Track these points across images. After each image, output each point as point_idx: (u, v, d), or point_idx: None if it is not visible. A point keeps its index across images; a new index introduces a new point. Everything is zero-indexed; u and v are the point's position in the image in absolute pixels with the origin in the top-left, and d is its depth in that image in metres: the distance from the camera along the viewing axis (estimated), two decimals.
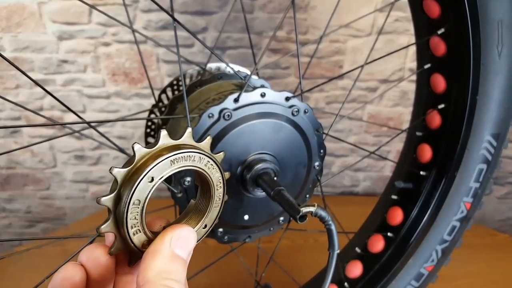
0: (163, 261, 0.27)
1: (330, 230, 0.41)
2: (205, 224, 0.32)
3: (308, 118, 0.46)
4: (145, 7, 1.03)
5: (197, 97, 0.48)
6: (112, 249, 0.28)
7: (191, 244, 0.29)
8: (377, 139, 1.22)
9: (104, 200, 0.26)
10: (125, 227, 0.27)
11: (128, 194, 0.26)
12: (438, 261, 0.60)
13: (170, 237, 0.28)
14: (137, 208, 0.27)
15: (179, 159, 0.28)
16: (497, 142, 0.55)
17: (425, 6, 0.52)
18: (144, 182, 0.27)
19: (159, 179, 0.27)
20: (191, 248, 0.29)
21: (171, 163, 0.28)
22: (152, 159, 0.27)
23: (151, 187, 0.27)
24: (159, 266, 0.26)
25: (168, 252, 0.27)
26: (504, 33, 0.48)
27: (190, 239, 0.29)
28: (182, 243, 0.28)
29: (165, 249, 0.27)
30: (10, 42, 1.05)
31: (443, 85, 0.55)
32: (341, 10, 1.03)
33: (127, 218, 0.27)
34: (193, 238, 0.29)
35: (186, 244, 0.29)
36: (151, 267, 0.26)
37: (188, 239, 0.29)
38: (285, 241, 0.97)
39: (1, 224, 1.35)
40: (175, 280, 0.26)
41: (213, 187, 0.32)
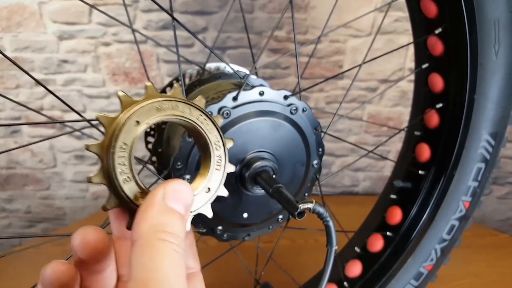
0: (156, 214, 0.25)
1: (328, 226, 0.41)
2: (207, 187, 0.31)
3: (306, 117, 0.46)
4: (146, 7, 1.04)
5: (197, 96, 0.48)
6: (106, 203, 0.27)
7: (186, 197, 0.27)
8: (377, 139, 1.22)
9: (92, 146, 0.26)
10: (114, 173, 0.26)
11: (114, 136, 0.26)
12: (437, 260, 0.61)
13: (163, 190, 0.26)
14: (124, 152, 0.26)
15: (166, 108, 0.28)
16: (495, 141, 0.55)
17: (422, 6, 0.52)
18: (130, 125, 0.26)
19: (145, 124, 0.27)
20: (187, 201, 0.27)
21: (157, 110, 0.27)
22: (137, 104, 0.27)
23: (138, 130, 0.27)
24: (153, 220, 0.25)
25: (161, 205, 0.26)
26: (501, 33, 0.49)
27: (185, 192, 0.27)
28: (176, 195, 0.26)
29: (158, 202, 0.26)
30: (10, 42, 1.06)
31: (441, 84, 0.55)
32: (341, 10, 1.03)
33: (114, 162, 0.26)
34: (188, 192, 0.27)
35: (181, 197, 0.27)
36: (144, 221, 0.25)
37: (182, 191, 0.27)
38: (285, 241, 0.98)
39: (1, 224, 1.35)
40: (171, 232, 0.25)
41: (210, 145, 0.31)
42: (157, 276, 0.22)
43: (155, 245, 0.24)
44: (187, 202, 0.27)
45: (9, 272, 0.88)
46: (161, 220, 0.25)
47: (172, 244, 0.24)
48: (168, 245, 0.24)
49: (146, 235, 0.24)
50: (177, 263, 0.24)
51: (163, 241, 0.24)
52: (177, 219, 0.26)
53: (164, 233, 0.24)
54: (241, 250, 0.61)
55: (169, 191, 0.26)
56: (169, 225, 0.25)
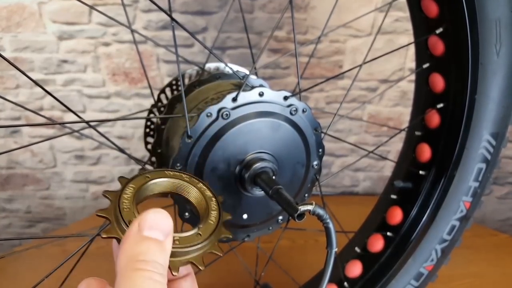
0: (131, 245, 0.25)
1: (328, 228, 0.41)
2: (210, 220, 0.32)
3: (306, 117, 0.46)
4: (145, 7, 1.04)
5: (196, 96, 0.48)
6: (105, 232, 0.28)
7: (163, 223, 0.26)
8: (377, 139, 1.22)
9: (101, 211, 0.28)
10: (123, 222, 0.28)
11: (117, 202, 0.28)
12: (437, 261, 0.60)
13: (137, 223, 0.26)
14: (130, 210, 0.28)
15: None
16: (496, 141, 0.55)
17: (423, 6, 0.52)
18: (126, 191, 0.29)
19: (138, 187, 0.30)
20: (166, 227, 0.27)
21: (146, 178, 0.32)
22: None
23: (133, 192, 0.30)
24: (128, 251, 0.25)
25: (136, 235, 0.25)
26: (502, 32, 0.49)
27: (161, 218, 0.27)
28: (151, 223, 0.26)
29: (133, 233, 0.26)
30: (10, 42, 1.05)
31: (441, 84, 0.55)
32: (341, 10, 1.03)
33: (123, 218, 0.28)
34: (163, 217, 0.27)
35: (157, 224, 0.26)
36: (121, 254, 0.25)
37: (158, 218, 0.26)
38: (285, 241, 0.97)
39: (1, 224, 1.35)
40: (146, 260, 0.24)
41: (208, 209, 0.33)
42: None
43: (129, 276, 0.24)
44: (165, 228, 0.27)
45: (9, 272, 0.87)
46: (136, 250, 0.25)
47: (147, 272, 0.24)
48: (142, 273, 0.24)
49: (123, 267, 0.24)
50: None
51: (138, 271, 0.24)
52: (153, 246, 0.25)
53: (139, 262, 0.24)
54: (241, 251, 0.61)
55: (143, 220, 0.26)
56: (144, 254, 0.25)
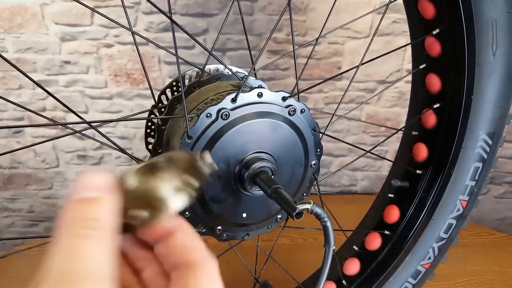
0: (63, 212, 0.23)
1: (325, 226, 0.42)
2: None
3: (304, 118, 0.47)
4: (147, 9, 1.04)
5: (196, 97, 0.49)
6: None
7: (94, 180, 0.24)
8: (375, 139, 1.23)
9: None
10: None
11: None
12: (435, 259, 0.61)
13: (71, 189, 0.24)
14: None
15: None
16: (493, 140, 0.55)
17: (420, 7, 0.53)
18: None
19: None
20: (98, 183, 0.24)
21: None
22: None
23: None
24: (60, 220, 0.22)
25: (67, 202, 0.23)
26: (498, 33, 0.49)
27: (91, 177, 0.24)
28: (81, 186, 0.24)
29: (66, 204, 0.23)
30: (13, 43, 1.06)
31: (438, 84, 0.56)
32: (339, 12, 1.04)
33: None
34: (95, 175, 0.24)
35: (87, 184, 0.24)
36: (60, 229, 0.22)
37: (87, 179, 0.24)
38: (285, 240, 0.98)
39: (4, 224, 1.36)
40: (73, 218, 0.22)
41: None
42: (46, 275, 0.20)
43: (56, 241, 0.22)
44: (97, 184, 0.24)
45: (11, 271, 0.88)
46: (63, 216, 0.23)
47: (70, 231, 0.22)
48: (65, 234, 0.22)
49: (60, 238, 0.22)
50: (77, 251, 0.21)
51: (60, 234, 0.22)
52: (82, 205, 0.23)
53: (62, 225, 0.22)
54: (240, 249, 0.62)
55: (73, 188, 0.24)
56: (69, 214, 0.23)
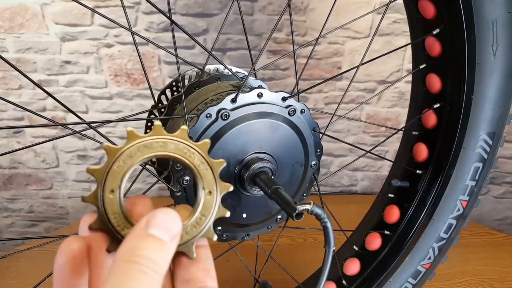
0: (133, 239, 0.25)
1: (326, 227, 0.42)
2: (208, 191, 0.30)
3: (304, 118, 0.47)
4: (147, 9, 1.04)
5: (196, 98, 0.49)
6: (93, 224, 0.28)
7: (171, 224, 0.26)
8: (375, 139, 1.23)
9: (87, 197, 0.27)
10: (107, 219, 0.27)
11: (103, 181, 0.27)
12: (435, 259, 0.61)
13: (146, 218, 0.26)
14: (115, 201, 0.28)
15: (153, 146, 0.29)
16: (493, 140, 0.55)
17: (420, 7, 0.53)
18: (108, 196, 0.27)
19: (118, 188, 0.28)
20: (172, 228, 0.26)
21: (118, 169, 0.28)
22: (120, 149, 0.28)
23: (117, 199, 0.28)
24: (128, 244, 0.24)
25: (141, 231, 0.25)
26: (498, 33, 0.49)
27: (169, 219, 0.26)
28: (159, 223, 0.25)
29: (138, 229, 0.25)
30: (13, 43, 1.06)
31: (438, 84, 0.56)
32: (340, 12, 1.04)
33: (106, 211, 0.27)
34: (172, 218, 0.26)
35: (165, 225, 0.26)
36: (121, 247, 0.24)
37: (166, 219, 0.26)
38: (285, 240, 0.98)
39: (4, 224, 1.36)
40: (144, 255, 0.24)
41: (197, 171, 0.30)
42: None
43: (122, 266, 0.23)
44: (172, 229, 0.26)
45: (12, 271, 0.88)
46: (136, 244, 0.24)
47: (142, 266, 0.23)
48: (136, 266, 0.23)
49: (119, 258, 0.24)
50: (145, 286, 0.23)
51: (132, 263, 0.23)
52: (155, 245, 0.25)
53: (136, 256, 0.24)
54: (240, 249, 0.62)
55: (152, 218, 0.26)
56: (143, 249, 0.24)
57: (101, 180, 0.27)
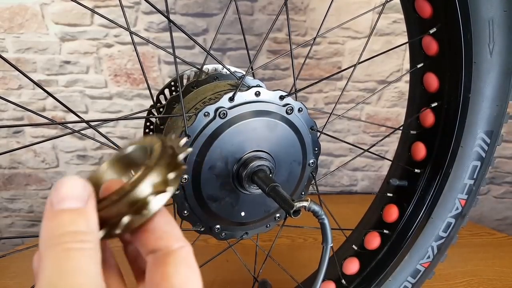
0: (46, 225, 0.22)
1: (323, 224, 0.42)
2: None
3: (302, 117, 0.47)
4: (147, 9, 1.05)
5: (194, 97, 0.49)
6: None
7: (76, 189, 0.23)
8: (375, 139, 1.23)
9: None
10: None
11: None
12: (434, 258, 0.61)
13: (49, 198, 0.23)
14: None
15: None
16: (491, 139, 0.55)
17: (417, 6, 0.53)
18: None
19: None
20: (80, 192, 0.23)
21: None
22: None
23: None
24: (44, 232, 0.22)
25: (49, 213, 0.23)
26: (495, 32, 0.49)
27: (72, 186, 0.23)
28: (62, 195, 0.23)
29: (45, 212, 0.23)
30: (13, 43, 1.07)
31: (435, 83, 0.56)
32: (340, 12, 1.04)
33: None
34: (76, 183, 0.23)
35: (69, 193, 0.23)
36: (40, 237, 0.22)
37: (69, 187, 0.23)
38: (284, 240, 0.98)
39: (4, 223, 1.36)
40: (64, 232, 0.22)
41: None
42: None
43: (47, 255, 0.21)
44: (79, 193, 0.23)
45: (11, 271, 0.89)
46: (50, 227, 0.22)
47: (66, 244, 0.21)
48: (61, 247, 0.21)
49: (41, 250, 0.22)
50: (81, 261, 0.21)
51: (54, 246, 0.21)
52: (68, 217, 0.22)
53: (54, 238, 0.22)
54: (240, 248, 0.62)
55: (53, 195, 0.23)
56: (58, 227, 0.22)
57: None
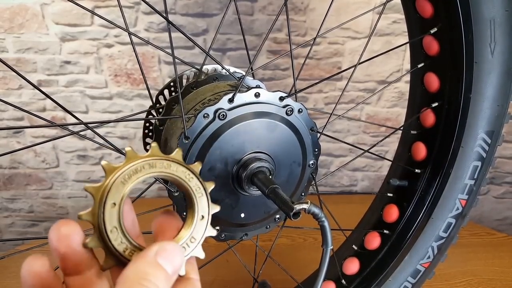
0: (144, 264, 0.27)
1: (323, 226, 0.42)
2: (192, 237, 0.32)
3: (302, 118, 0.47)
4: (147, 9, 1.05)
5: (193, 98, 0.49)
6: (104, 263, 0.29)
7: (177, 260, 0.28)
8: (375, 139, 1.23)
9: (84, 214, 0.27)
10: (106, 233, 0.28)
11: (102, 200, 0.28)
12: (434, 258, 0.61)
13: (156, 248, 0.28)
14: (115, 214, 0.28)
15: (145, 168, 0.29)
16: (492, 139, 0.55)
17: (418, 6, 0.53)
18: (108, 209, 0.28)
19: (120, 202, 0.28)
20: (177, 263, 0.28)
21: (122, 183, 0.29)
22: (119, 169, 0.29)
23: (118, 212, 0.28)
24: (139, 267, 0.26)
25: (151, 259, 0.27)
26: (496, 31, 0.49)
27: (177, 255, 0.29)
28: (168, 255, 0.28)
29: (149, 256, 0.27)
30: (13, 43, 1.07)
31: (436, 83, 0.56)
32: (340, 12, 1.04)
33: (106, 223, 0.28)
34: (180, 254, 0.29)
35: (172, 258, 0.28)
36: (132, 267, 0.26)
37: (175, 253, 0.28)
38: (284, 240, 0.98)
39: (4, 223, 1.36)
40: (153, 282, 0.26)
41: (193, 193, 0.31)
42: None
43: (133, 286, 0.25)
44: (177, 264, 0.28)
45: (11, 271, 0.89)
46: (147, 270, 0.26)
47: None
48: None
49: (130, 278, 0.25)
50: None
51: (142, 286, 0.25)
52: (162, 275, 0.27)
53: (146, 281, 0.25)
54: (240, 249, 0.62)
55: (162, 249, 0.28)
56: (154, 276, 0.26)
57: (101, 196, 0.28)
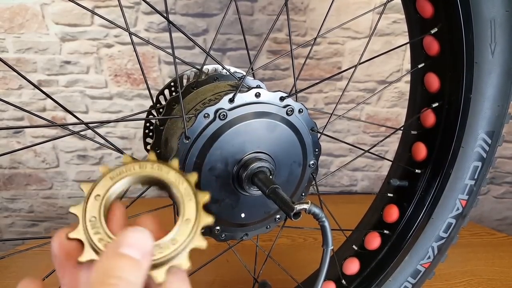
0: (105, 260, 0.25)
1: (323, 226, 0.42)
2: (186, 218, 0.30)
3: (302, 118, 0.47)
4: (147, 9, 1.04)
5: (194, 98, 0.49)
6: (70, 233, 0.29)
7: (142, 243, 0.26)
8: (375, 139, 1.23)
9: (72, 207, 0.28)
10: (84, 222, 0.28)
11: (83, 217, 0.28)
12: (434, 258, 0.61)
13: (117, 239, 0.26)
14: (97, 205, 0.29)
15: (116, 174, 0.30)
16: (492, 139, 0.55)
17: (418, 6, 0.53)
18: (92, 200, 0.29)
19: (104, 195, 0.29)
20: (144, 247, 0.26)
21: (111, 179, 0.30)
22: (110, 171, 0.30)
23: (100, 203, 0.29)
24: (103, 265, 0.25)
25: (112, 251, 0.25)
26: (497, 31, 0.49)
27: (141, 238, 0.26)
28: (130, 241, 0.26)
29: (109, 249, 0.26)
30: (13, 43, 1.07)
31: (436, 84, 0.56)
32: (340, 12, 1.04)
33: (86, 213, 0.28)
34: (143, 237, 0.27)
35: (134, 241, 0.26)
36: (95, 268, 0.25)
37: (137, 237, 0.26)
38: (285, 240, 0.98)
39: (4, 223, 1.36)
40: (117, 276, 0.24)
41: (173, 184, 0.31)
42: None
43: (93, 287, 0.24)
44: (143, 247, 0.26)
45: (11, 271, 0.89)
46: (110, 265, 0.25)
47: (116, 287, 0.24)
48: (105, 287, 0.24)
49: (95, 280, 0.24)
50: None
51: (109, 285, 0.24)
52: (128, 264, 0.25)
53: (111, 278, 0.24)
54: (240, 249, 0.62)
55: (122, 237, 0.26)
56: (117, 270, 0.24)
57: (89, 190, 0.29)
